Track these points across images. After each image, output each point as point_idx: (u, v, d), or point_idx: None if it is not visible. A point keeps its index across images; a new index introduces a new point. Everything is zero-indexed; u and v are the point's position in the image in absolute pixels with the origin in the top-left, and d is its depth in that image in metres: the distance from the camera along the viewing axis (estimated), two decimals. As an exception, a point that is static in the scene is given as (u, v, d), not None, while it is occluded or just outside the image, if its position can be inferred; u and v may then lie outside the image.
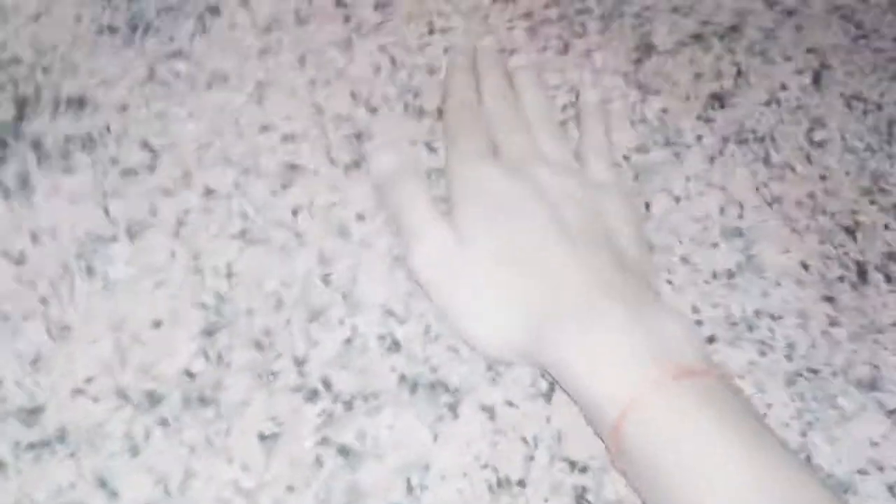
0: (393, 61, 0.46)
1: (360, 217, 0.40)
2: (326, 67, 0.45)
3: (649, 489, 0.31)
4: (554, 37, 0.49)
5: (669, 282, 0.40)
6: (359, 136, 0.42)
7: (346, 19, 0.47)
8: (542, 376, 0.36)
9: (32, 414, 0.33)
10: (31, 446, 0.32)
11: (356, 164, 0.41)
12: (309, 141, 0.42)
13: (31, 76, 0.41)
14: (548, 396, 0.36)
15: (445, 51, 0.47)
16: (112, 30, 0.44)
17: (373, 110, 0.44)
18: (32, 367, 0.34)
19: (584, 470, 0.34)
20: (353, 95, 0.44)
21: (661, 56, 0.49)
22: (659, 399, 0.31)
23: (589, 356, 0.32)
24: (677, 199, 0.43)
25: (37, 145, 0.39)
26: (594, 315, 0.33)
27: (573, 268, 0.35)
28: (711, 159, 0.45)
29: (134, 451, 0.32)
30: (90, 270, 0.36)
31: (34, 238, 0.37)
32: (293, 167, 0.41)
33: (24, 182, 0.38)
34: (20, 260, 0.36)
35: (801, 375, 0.38)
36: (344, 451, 0.33)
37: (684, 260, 0.41)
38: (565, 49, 0.49)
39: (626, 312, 0.33)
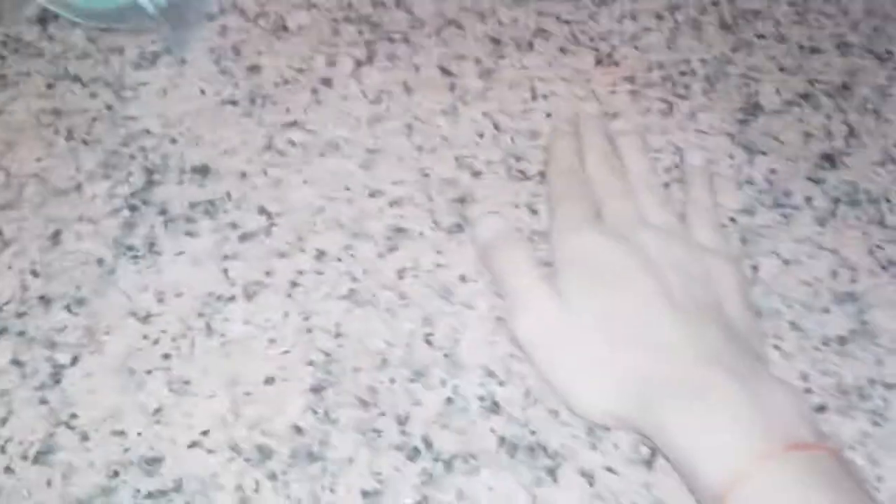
0: (496, 126, 0.47)
1: (463, 279, 0.41)
2: (432, 134, 0.46)
3: None
4: (657, 99, 0.49)
5: (778, 347, 0.39)
6: (462, 200, 0.44)
7: (452, 87, 0.49)
8: (643, 443, 0.36)
9: (153, 464, 0.34)
10: (150, 495, 0.34)
11: (459, 227, 0.43)
12: (415, 205, 0.43)
13: (160, 146, 0.45)
14: (648, 463, 0.35)
15: (548, 115, 0.48)
16: (233, 102, 0.47)
17: (476, 174, 0.45)
18: (154, 418, 0.36)
19: (686, 540, 0.33)
20: (458, 160, 0.45)
21: (768, 116, 0.49)
22: (767, 474, 0.30)
23: (695, 427, 0.32)
24: (786, 263, 0.42)
25: (163, 210, 0.42)
26: (702, 385, 0.33)
27: (679, 337, 0.35)
28: (822, 221, 0.44)
29: (244, 503, 0.34)
30: (209, 328, 0.38)
31: (159, 298, 0.39)
32: (399, 230, 0.42)
33: (152, 245, 0.41)
34: (146, 318, 0.38)
35: (921, 449, 0.36)
36: (444, 511, 0.34)
37: (794, 325, 0.40)
38: (669, 111, 0.49)
39: (733, 383, 0.32)
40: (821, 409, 0.37)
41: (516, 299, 0.38)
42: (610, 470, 0.35)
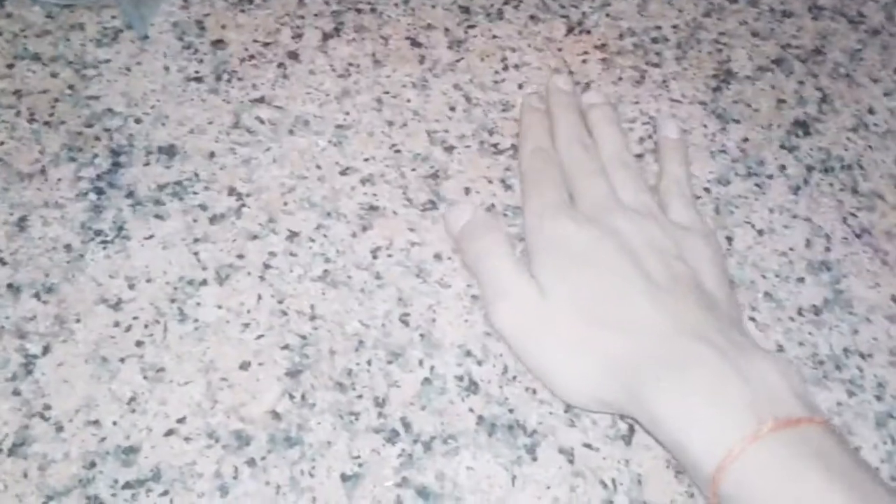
0: (468, 99, 0.47)
1: (438, 257, 0.40)
2: (403, 108, 0.46)
3: None
4: (629, 67, 0.49)
5: (753, 319, 0.39)
6: (435, 176, 0.43)
7: (421, 59, 0.48)
8: (622, 419, 0.36)
9: (129, 453, 0.34)
10: (128, 485, 0.33)
11: (433, 204, 0.42)
12: (387, 182, 0.43)
13: (125, 126, 0.44)
14: (627, 439, 0.36)
15: (520, 86, 0.47)
16: (198, 79, 0.46)
17: (449, 149, 0.44)
18: (129, 407, 0.35)
19: (664, 515, 0.34)
20: (430, 135, 0.45)
21: (740, 83, 0.49)
22: (757, 453, 0.30)
23: (680, 406, 0.32)
24: (760, 233, 0.43)
25: (131, 193, 0.41)
26: (684, 361, 0.33)
27: (658, 315, 0.35)
28: (796, 189, 0.44)
29: (223, 491, 0.34)
30: (182, 314, 0.38)
31: (130, 283, 0.39)
32: (372, 208, 0.42)
33: (120, 229, 0.40)
34: (117, 305, 0.38)
35: (892, 416, 0.37)
36: (423, 492, 0.34)
37: (768, 296, 0.40)
38: (641, 79, 0.49)
39: (715, 357, 0.32)
40: (794, 378, 0.38)
41: (492, 288, 0.38)
42: (589, 447, 0.35)
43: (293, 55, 0.47)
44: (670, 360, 0.33)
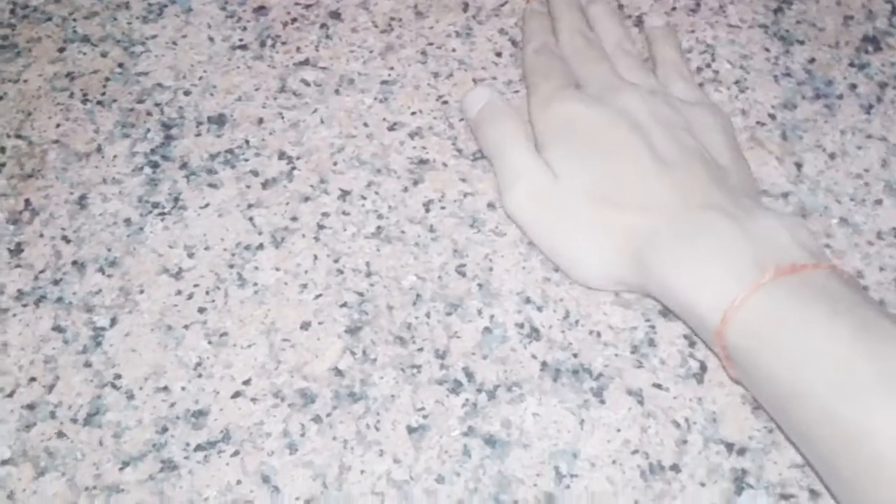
0: (514, 43, 0.45)
1: (492, 206, 0.40)
2: (448, 58, 0.45)
3: (762, 390, 0.30)
4: (683, -4, 0.47)
5: (829, 246, 0.38)
6: (485, 124, 0.42)
7: (465, 7, 0.47)
8: (692, 356, 0.35)
9: (199, 416, 0.35)
10: (200, 447, 0.34)
11: (483, 153, 0.41)
12: (435, 134, 0.42)
13: (174, 99, 0.44)
14: (699, 377, 0.34)
15: (569, 26, 0.46)
16: (243, 47, 0.46)
17: (498, 96, 0.43)
18: (195, 372, 0.36)
19: (742, 452, 0.33)
20: (477, 83, 0.44)
21: (803, 2, 0.46)
22: (760, 300, 0.30)
23: (688, 268, 0.32)
24: (832, 156, 0.40)
25: (184, 164, 0.42)
26: (692, 229, 0.33)
27: (668, 189, 0.34)
28: (868, 108, 0.42)
29: (292, 448, 0.34)
30: (241, 278, 0.38)
31: (189, 252, 0.39)
32: (422, 162, 0.41)
33: (176, 200, 0.41)
34: (178, 274, 0.38)
35: None
36: (490, 440, 0.33)
37: (844, 221, 0.38)
38: (696, 6, 0.46)
39: (724, 221, 0.32)
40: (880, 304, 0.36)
41: (506, 174, 0.38)
42: (658, 387, 0.34)
43: (335, 14, 0.47)
44: (680, 232, 0.33)
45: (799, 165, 0.40)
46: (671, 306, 0.34)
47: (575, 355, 0.35)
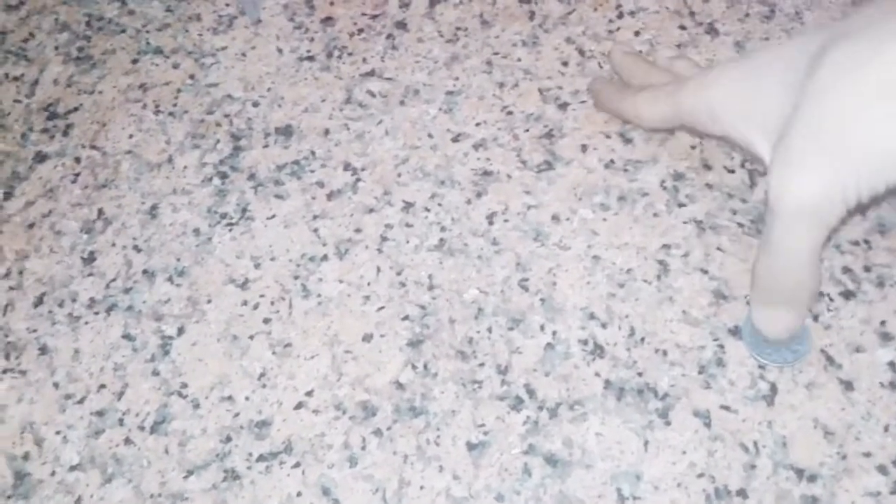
0: (581, 52, 0.45)
1: (556, 219, 0.39)
2: (513, 68, 0.44)
3: None
4: (756, 1, 0.45)
5: (908, 263, 0.36)
6: (550, 136, 0.42)
7: (531, 16, 0.46)
8: (762, 377, 0.34)
9: (262, 427, 0.35)
10: (262, 458, 0.34)
11: (548, 164, 0.41)
12: (500, 145, 0.42)
13: (243, 111, 0.44)
14: (769, 399, 0.33)
15: (636, 34, 0.45)
16: (310, 58, 0.46)
17: (563, 106, 0.43)
18: (259, 382, 0.36)
19: (812, 479, 0.31)
20: (542, 93, 0.43)
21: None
22: None
23: None
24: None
25: (252, 175, 0.42)
26: None
27: None
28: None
29: (352, 461, 0.34)
30: (305, 289, 0.38)
31: (256, 263, 0.40)
32: (486, 174, 0.41)
33: (244, 211, 0.41)
34: (244, 284, 0.39)
35: None
36: (551, 459, 0.33)
37: (925, 237, 0.36)
38: (771, 13, 0.45)
39: None
40: (960, 327, 0.34)
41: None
42: (727, 408, 0.33)
43: (401, 25, 0.47)
44: None
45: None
46: None
47: (640, 374, 0.34)
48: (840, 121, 0.28)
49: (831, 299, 0.35)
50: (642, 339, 0.35)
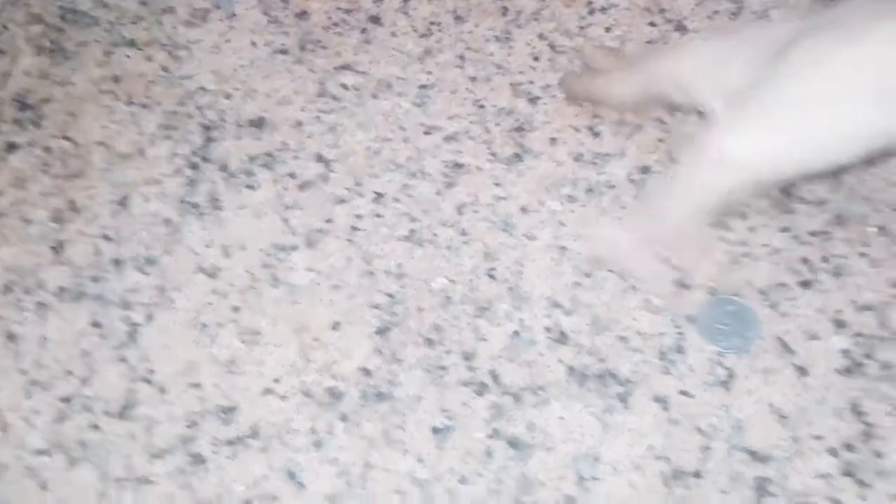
0: (553, 48, 0.45)
1: (524, 210, 0.40)
2: (486, 63, 0.45)
3: None
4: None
5: (865, 255, 0.37)
6: (520, 129, 0.42)
7: (504, 12, 0.47)
8: (720, 364, 0.34)
9: (229, 412, 0.35)
10: (229, 442, 0.35)
11: (518, 157, 0.41)
12: (471, 138, 0.42)
13: (216, 102, 0.45)
14: (727, 384, 0.34)
15: (607, 30, 0.46)
16: (284, 51, 0.46)
17: (533, 100, 0.43)
18: (227, 369, 0.36)
19: (765, 460, 0.32)
20: (514, 88, 0.44)
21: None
22: None
23: None
24: (871, 163, 0.39)
25: (223, 166, 0.42)
26: None
27: None
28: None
29: (318, 445, 0.34)
30: (275, 278, 0.39)
31: (225, 252, 0.40)
32: (457, 166, 0.41)
33: (215, 201, 0.41)
34: (214, 273, 0.39)
35: None
36: (514, 442, 0.33)
37: (882, 230, 0.37)
38: (738, 10, 0.46)
39: None
40: (915, 316, 0.35)
41: None
42: (685, 394, 0.34)
43: (375, 19, 0.47)
44: None
45: (837, 174, 0.39)
46: None
47: (602, 360, 0.35)
48: (793, 103, 0.30)
49: (789, 288, 0.36)
50: (605, 327, 0.36)
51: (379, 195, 0.41)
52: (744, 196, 0.34)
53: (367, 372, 0.36)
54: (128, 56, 0.47)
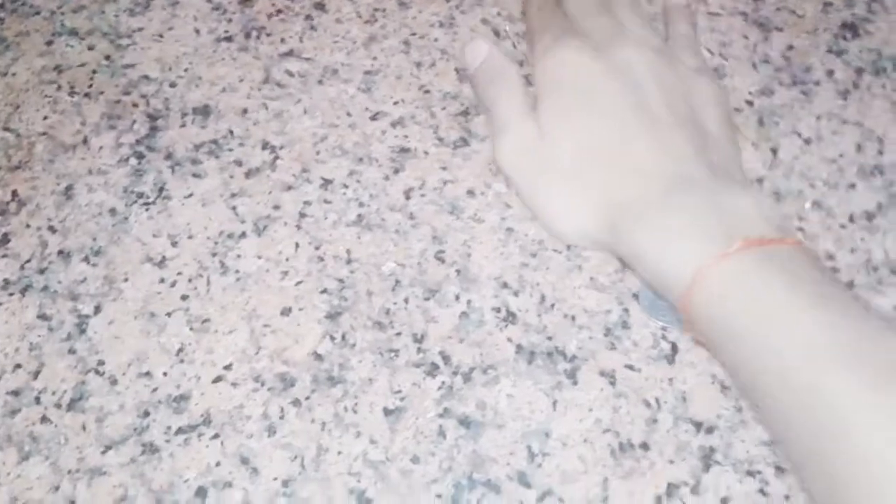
0: (496, 33, 0.46)
1: (471, 193, 0.40)
2: (431, 48, 0.45)
3: (724, 351, 0.31)
4: (664, -14, 0.47)
5: (801, 229, 0.38)
6: (466, 114, 0.43)
7: (448, -2, 0.47)
8: (664, 338, 0.35)
9: (180, 401, 0.35)
10: (181, 430, 0.35)
11: (464, 141, 0.42)
12: (417, 123, 0.43)
13: (160, 91, 0.44)
14: (670, 358, 0.35)
15: (550, 16, 0.46)
16: (228, 38, 0.46)
17: (478, 85, 0.44)
18: (178, 358, 0.36)
19: (710, 430, 0.33)
20: (459, 73, 0.44)
21: (782, -10, 0.46)
22: (725, 270, 0.30)
23: (658, 236, 0.32)
24: (807, 141, 0.41)
25: (169, 155, 0.42)
26: (668, 199, 0.33)
27: (650, 154, 0.35)
28: (845, 94, 0.42)
29: (271, 431, 0.34)
30: (224, 266, 0.39)
31: (173, 241, 0.40)
32: (404, 150, 0.42)
33: (161, 190, 0.41)
34: (162, 262, 0.39)
35: (955, 318, 0.35)
36: (465, 421, 0.34)
37: (817, 205, 0.39)
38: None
39: (698, 193, 0.33)
40: (850, 286, 0.36)
41: (498, 128, 0.39)
42: (630, 368, 0.35)
43: (319, 6, 0.47)
44: (655, 199, 0.33)
45: (774, 151, 0.40)
46: (638, 269, 0.34)
47: (549, 338, 0.36)
48: None
49: (729, 263, 0.37)
50: (552, 306, 0.36)
51: (327, 181, 0.41)
52: None
53: (318, 356, 0.36)
54: (70, 46, 0.47)
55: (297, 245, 0.39)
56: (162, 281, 0.39)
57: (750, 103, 0.42)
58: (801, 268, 0.30)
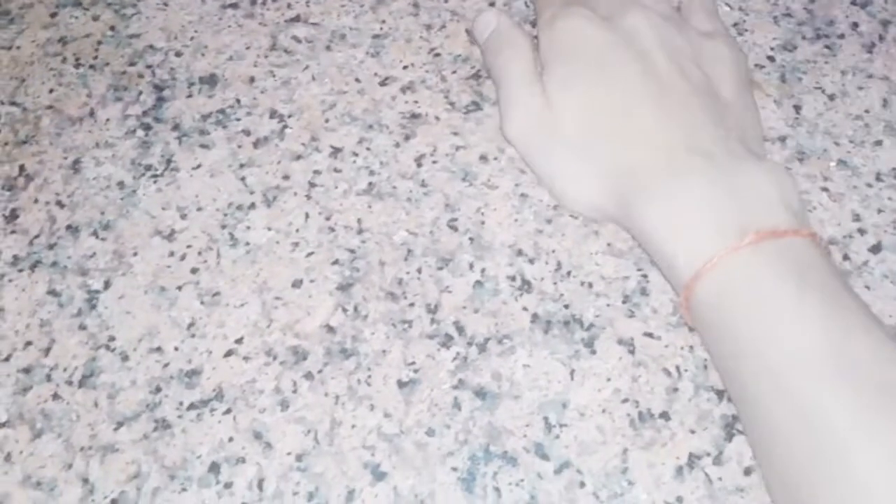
0: (508, -7, 0.44)
1: (484, 159, 0.39)
2: (440, 10, 0.44)
3: (718, 344, 0.30)
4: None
5: (826, 189, 0.37)
6: (477, 77, 0.42)
7: (457, -43, 0.46)
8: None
9: (192, 376, 0.35)
10: (193, 406, 0.34)
11: (476, 105, 0.41)
12: (428, 88, 0.41)
13: (166, 61, 0.44)
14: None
15: (563, -27, 0.45)
16: (234, 5, 0.45)
17: (490, 47, 0.42)
18: (189, 332, 0.36)
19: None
20: (469, 35, 0.43)
21: (806, -60, 0.44)
22: (734, 263, 0.29)
23: (666, 217, 0.32)
24: (832, 98, 0.39)
25: (176, 126, 0.41)
26: (676, 175, 0.32)
27: (659, 125, 0.34)
28: (870, 48, 0.40)
29: (284, 405, 0.34)
30: (233, 238, 0.38)
31: (182, 213, 0.39)
32: (414, 116, 0.41)
33: (169, 162, 0.40)
34: (171, 235, 0.38)
35: None
36: (481, 392, 0.33)
37: (843, 163, 0.37)
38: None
39: (711, 169, 0.32)
40: (876, 248, 0.35)
41: (506, 100, 0.38)
42: (650, 335, 0.34)
43: (325, -30, 0.46)
44: (665, 172, 0.32)
45: (798, 108, 0.39)
46: (646, 248, 0.33)
47: (566, 306, 0.35)
48: None
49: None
50: (568, 273, 0.36)
51: (336, 149, 0.40)
52: None
53: (330, 329, 0.35)
54: (74, 17, 0.46)
55: (307, 215, 0.39)
56: (171, 254, 0.38)
57: (771, 59, 0.41)
58: (813, 264, 0.29)
